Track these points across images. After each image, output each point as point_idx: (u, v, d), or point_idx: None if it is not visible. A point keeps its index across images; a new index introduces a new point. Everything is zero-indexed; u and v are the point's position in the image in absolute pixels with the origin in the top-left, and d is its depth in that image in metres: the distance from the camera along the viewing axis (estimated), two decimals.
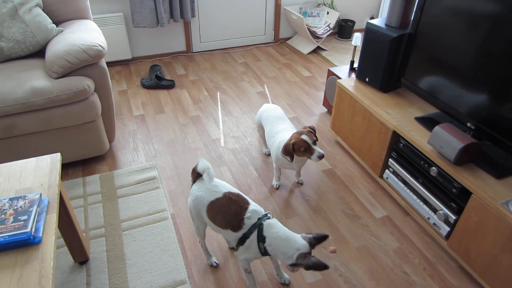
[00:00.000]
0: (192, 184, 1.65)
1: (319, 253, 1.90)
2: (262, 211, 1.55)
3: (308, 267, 1.37)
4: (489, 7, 1.60)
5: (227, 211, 1.52)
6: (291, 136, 1.95)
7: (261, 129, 2.37)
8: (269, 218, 1.52)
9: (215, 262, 1.83)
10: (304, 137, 1.88)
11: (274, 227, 1.48)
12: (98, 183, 2.28)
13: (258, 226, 1.48)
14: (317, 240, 1.45)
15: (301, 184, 2.33)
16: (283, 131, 2.10)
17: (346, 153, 2.59)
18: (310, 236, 1.45)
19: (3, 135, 2.05)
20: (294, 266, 1.41)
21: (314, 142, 1.91)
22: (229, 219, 1.52)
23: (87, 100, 2.16)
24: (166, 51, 3.84)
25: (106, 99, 2.30)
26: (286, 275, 1.77)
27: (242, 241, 1.52)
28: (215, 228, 1.59)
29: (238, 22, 3.96)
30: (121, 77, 3.47)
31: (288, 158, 1.94)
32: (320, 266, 1.36)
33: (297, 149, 1.90)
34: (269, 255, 1.49)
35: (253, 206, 1.54)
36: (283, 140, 2.02)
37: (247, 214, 1.50)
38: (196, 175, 1.63)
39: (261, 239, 1.47)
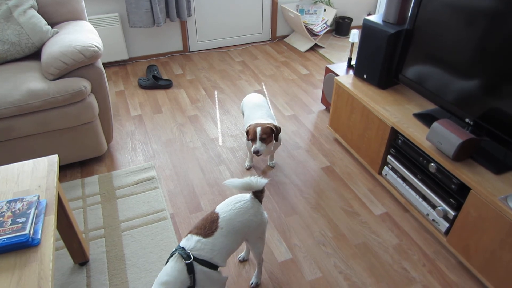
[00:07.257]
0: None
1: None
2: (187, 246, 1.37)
3: None
4: (486, 2, 1.60)
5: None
6: (257, 123, 2.14)
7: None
8: (181, 252, 1.34)
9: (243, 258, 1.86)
10: (257, 129, 2.08)
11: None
12: (97, 184, 2.27)
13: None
14: None
15: (272, 167, 2.46)
16: (258, 119, 2.21)
17: (345, 150, 2.59)
18: None
19: (0, 138, 2.04)
20: None
21: (262, 138, 2.07)
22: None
23: (84, 101, 2.15)
24: (163, 51, 3.83)
25: (103, 100, 2.30)
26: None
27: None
28: None
29: (235, 20, 3.95)
30: (118, 77, 3.46)
31: (247, 138, 2.19)
32: None
33: (248, 134, 2.15)
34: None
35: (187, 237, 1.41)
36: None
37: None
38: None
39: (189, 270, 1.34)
